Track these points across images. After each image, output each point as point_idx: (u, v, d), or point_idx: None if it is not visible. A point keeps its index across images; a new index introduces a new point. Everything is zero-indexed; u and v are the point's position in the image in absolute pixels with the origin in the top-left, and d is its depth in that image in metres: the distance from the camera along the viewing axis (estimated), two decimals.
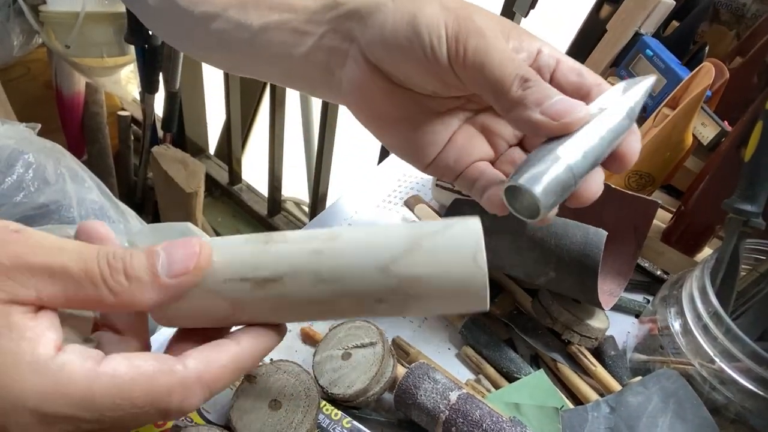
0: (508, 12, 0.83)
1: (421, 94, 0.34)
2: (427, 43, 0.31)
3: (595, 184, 0.31)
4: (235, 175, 1.65)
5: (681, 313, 0.43)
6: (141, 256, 0.26)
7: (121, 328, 0.30)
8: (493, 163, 0.36)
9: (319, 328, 0.49)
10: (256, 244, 0.28)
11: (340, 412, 0.40)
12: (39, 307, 0.25)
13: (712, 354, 0.40)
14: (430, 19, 0.31)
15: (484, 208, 0.34)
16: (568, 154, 0.29)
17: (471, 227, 0.26)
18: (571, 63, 0.34)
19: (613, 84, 0.33)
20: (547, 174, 0.28)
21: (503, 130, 0.36)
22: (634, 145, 0.32)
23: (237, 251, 0.28)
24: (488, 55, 0.30)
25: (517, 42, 0.33)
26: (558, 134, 0.30)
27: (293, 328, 0.49)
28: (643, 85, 0.32)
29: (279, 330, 0.30)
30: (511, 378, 0.46)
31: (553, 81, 0.33)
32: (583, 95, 0.32)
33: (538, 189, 0.28)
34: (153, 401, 0.25)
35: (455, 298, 0.26)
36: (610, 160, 0.31)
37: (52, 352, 0.24)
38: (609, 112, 0.30)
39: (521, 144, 0.37)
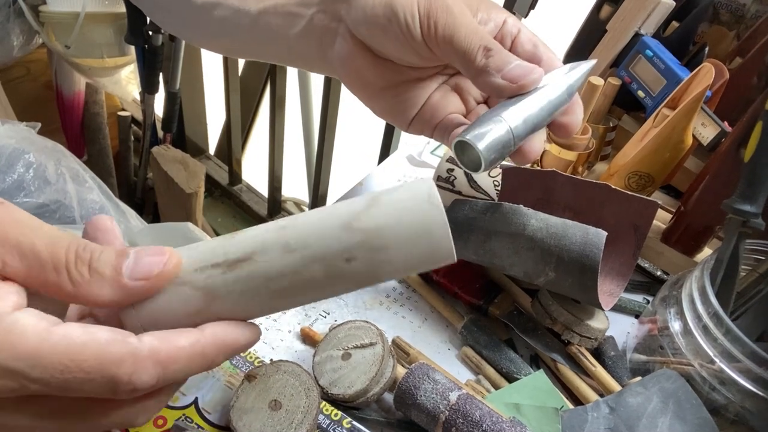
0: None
1: (401, 65, 0.39)
2: (402, 22, 0.36)
3: (536, 145, 0.37)
4: (235, 176, 1.65)
5: (681, 314, 0.43)
6: (110, 253, 0.26)
7: (103, 320, 0.29)
8: (464, 117, 0.41)
9: (319, 328, 0.49)
10: (224, 237, 0.28)
11: (340, 413, 0.40)
12: (4, 277, 0.25)
13: (711, 354, 0.40)
14: (405, 0, 0.36)
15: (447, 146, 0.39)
16: (511, 119, 0.34)
17: (424, 179, 0.28)
18: (530, 34, 0.39)
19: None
20: (490, 133, 0.34)
21: (472, 89, 0.42)
22: (577, 115, 0.38)
23: (206, 246, 0.28)
24: (456, 30, 0.35)
25: (485, 14, 0.38)
26: (516, 94, 0.35)
27: (293, 329, 0.49)
28: (584, 67, 0.38)
29: (250, 327, 0.29)
30: (510, 378, 0.46)
31: (513, 47, 0.39)
32: (535, 64, 0.37)
33: (481, 145, 0.33)
34: (101, 368, 0.24)
35: (420, 242, 0.27)
36: (557, 127, 0.38)
37: (9, 310, 0.24)
38: (551, 87, 0.36)
39: (486, 102, 0.42)
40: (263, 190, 1.64)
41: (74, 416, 0.27)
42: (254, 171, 1.71)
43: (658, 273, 0.58)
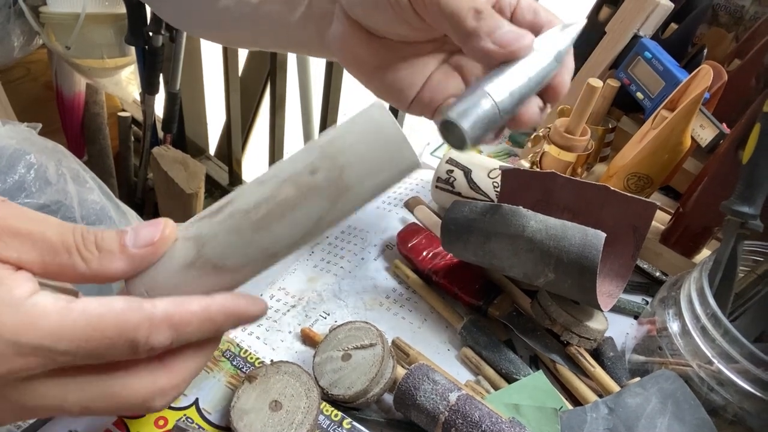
0: None
1: (397, 41, 0.38)
2: None
3: (532, 110, 0.36)
4: (235, 176, 1.65)
5: (679, 315, 0.43)
6: (111, 233, 0.29)
7: None
8: None
9: (319, 329, 0.49)
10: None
11: (340, 413, 0.40)
12: (18, 268, 0.27)
13: (710, 355, 0.40)
14: None
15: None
16: (496, 92, 0.33)
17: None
18: (529, 2, 0.38)
19: None
20: (474, 110, 0.32)
21: (474, 68, 0.41)
22: (565, 79, 0.37)
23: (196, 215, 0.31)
24: None
25: None
26: (506, 60, 0.34)
27: (293, 330, 0.50)
28: (573, 30, 0.36)
29: (256, 300, 0.31)
30: (510, 379, 0.46)
31: (513, 18, 0.37)
32: (536, 31, 0.36)
33: (465, 124, 0.32)
34: (121, 333, 0.26)
35: (372, 138, 0.29)
36: (545, 91, 0.36)
37: (26, 295, 0.26)
38: (539, 55, 0.34)
39: None
40: None
41: (99, 382, 0.29)
42: (254, 171, 1.71)
43: (657, 274, 0.58)
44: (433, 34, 0.38)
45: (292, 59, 1.42)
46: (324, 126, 1.29)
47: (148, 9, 1.21)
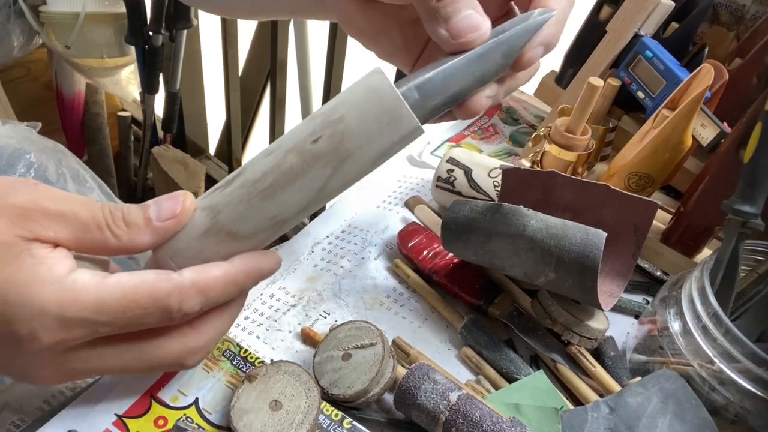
0: None
1: (390, 5, 0.38)
2: None
3: (477, 102, 0.34)
4: None
5: (680, 314, 0.43)
6: (136, 208, 0.31)
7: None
8: None
9: (320, 328, 0.49)
10: None
11: (340, 413, 0.40)
12: (56, 245, 0.30)
13: (711, 355, 0.40)
14: None
15: None
16: (425, 90, 0.31)
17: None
18: None
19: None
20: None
21: None
22: (534, 54, 0.33)
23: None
24: None
25: None
26: (457, 51, 0.32)
27: (294, 329, 0.50)
28: (532, 24, 0.33)
29: (271, 254, 0.34)
30: (510, 378, 0.46)
31: None
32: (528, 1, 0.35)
33: None
34: (155, 302, 0.29)
35: (370, 102, 0.30)
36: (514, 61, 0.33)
37: (66, 272, 0.29)
38: (487, 47, 0.32)
39: None
40: None
41: (136, 347, 0.31)
42: None
43: (658, 273, 0.58)
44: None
45: (292, 59, 1.42)
46: None
47: (148, 8, 1.21)
